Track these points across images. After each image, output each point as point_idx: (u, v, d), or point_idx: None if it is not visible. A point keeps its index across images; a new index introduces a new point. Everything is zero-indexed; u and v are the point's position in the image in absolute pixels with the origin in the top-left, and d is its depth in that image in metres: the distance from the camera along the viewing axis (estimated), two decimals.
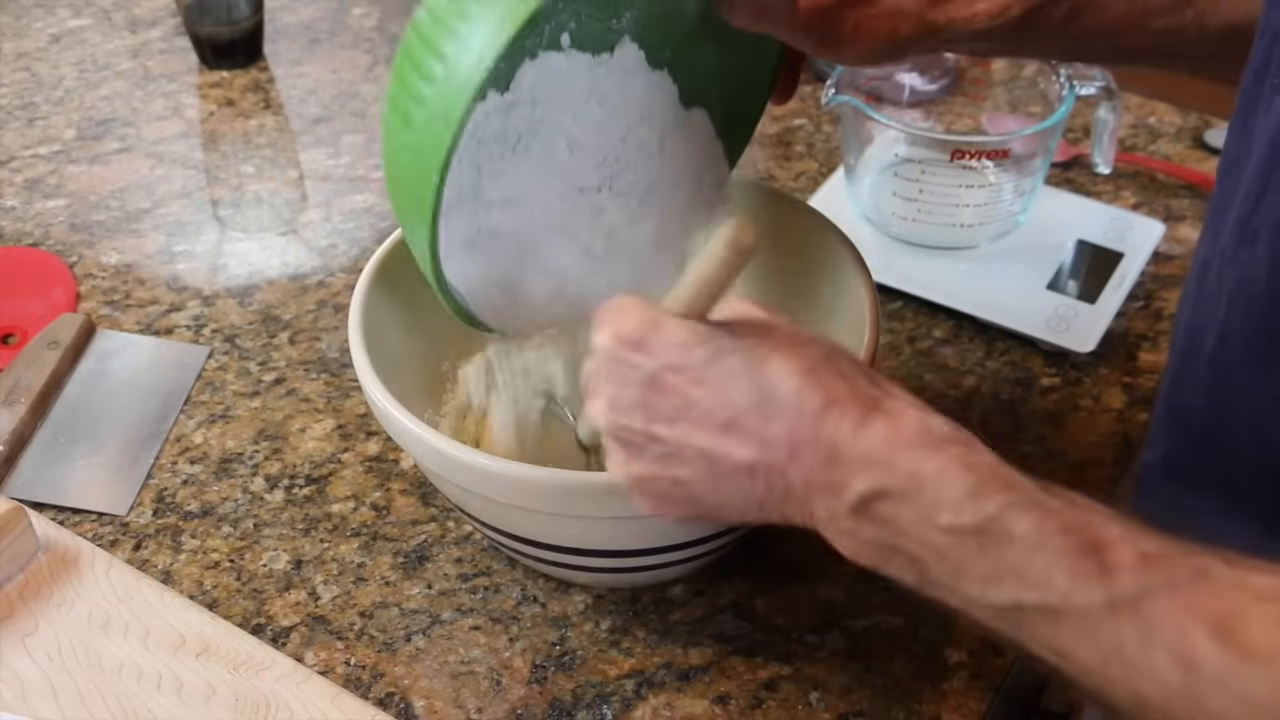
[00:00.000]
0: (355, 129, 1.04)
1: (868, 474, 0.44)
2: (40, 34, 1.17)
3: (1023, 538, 0.42)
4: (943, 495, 0.43)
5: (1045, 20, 0.61)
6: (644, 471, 0.49)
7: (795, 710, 0.62)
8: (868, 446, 0.44)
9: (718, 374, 0.46)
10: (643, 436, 0.48)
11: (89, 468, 0.75)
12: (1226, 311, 0.52)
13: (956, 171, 0.83)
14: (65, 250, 0.91)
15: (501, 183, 0.62)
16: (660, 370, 0.47)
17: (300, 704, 0.60)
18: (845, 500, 0.45)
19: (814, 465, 0.45)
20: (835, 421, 0.45)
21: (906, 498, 0.44)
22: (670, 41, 0.64)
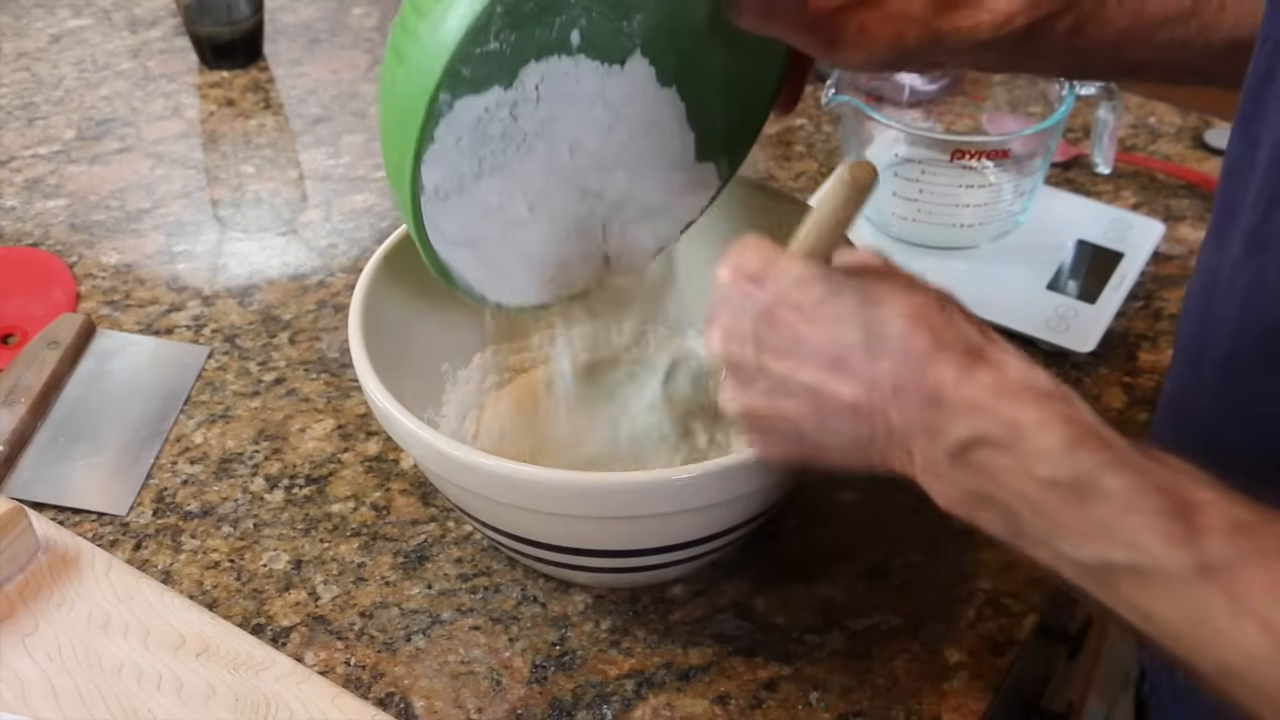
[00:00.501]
0: (355, 129, 1.04)
1: (968, 420, 0.44)
2: (40, 34, 1.17)
3: (1116, 495, 0.42)
4: (1041, 446, 0.43)
5: (1049, 33, 0.61)
6: (753, 403, 0.50)
7: (795, 710, 0.62)
8: (971, 393, 0.45)
9: (829, 312, 0.47)
10: (754, 367, 0.49)
11: (89, 468, 0.75)
12: (1238, 318, 0.52)
13: (956, 171, 0.83)
14: (65, 250, 0.91)
15: (502, 177, 0.62)
16: (774, 304, 0.48)
17: (300, 704, 0.60)
18: (944, 445, 0.45)
19: (916, 408, 0.45)
20: (941, 366, 0.45)
21: (1005, 446, 0.44)
22: (678, 48, 0.64)
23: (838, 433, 0.48)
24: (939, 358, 0.45)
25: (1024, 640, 0.65)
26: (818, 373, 0.47)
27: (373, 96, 1.08)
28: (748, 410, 0.50)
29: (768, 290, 0.49)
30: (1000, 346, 0.46)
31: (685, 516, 0.59)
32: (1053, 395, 0.44)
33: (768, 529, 0.67)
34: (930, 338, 0.46)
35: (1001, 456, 0.44)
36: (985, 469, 0.44)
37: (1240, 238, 0.51)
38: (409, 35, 0.53)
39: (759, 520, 0.63)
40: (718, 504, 0.58)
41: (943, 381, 0.45)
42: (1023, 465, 0.43)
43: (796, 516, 0.71)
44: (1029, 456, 0.43)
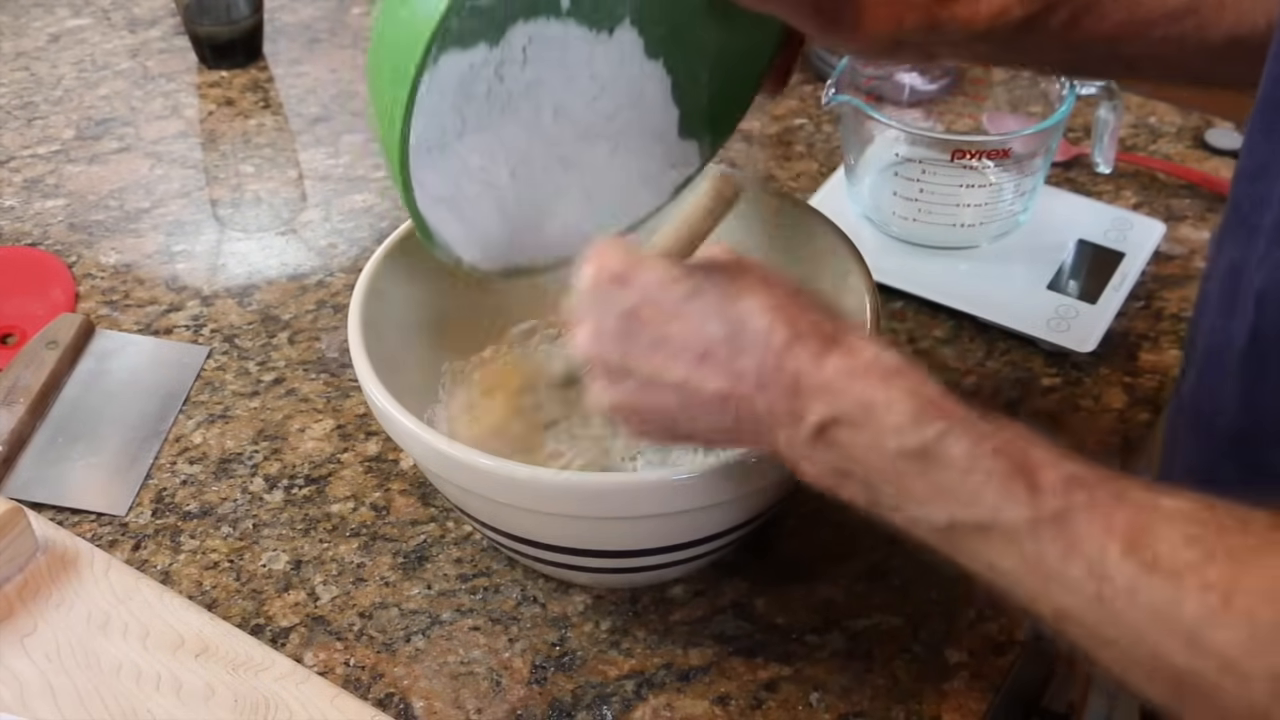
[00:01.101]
0: (355, 129, 1.04)
1: (824, 402, 0.47)
2: (39, 33, 1.17)
3: (959, 459, 0.45)
4: (889, 421, 0.46)
5: (1045, 25, 0.61)
6: (623, 399, 0.52)
7: (795, 711, 0.62)
8: (825, 377, 0.47)
9: (693, 310, 0.50)
10: (621, 366, 0.51)
11: (88, 468, 0.74)
12: (1256, 314, 0.52)
13: (957, 171, 0.83)
14: (64, 250, 0.91)
15: (484, 137, 0.62)
16: (639, 304, 0.50)
17: (299, 704, 0.60)
18: (805, 428, 0.48)
19: (778, 395, 0.48)
20: (798, 354, 0.48)
21: (858, 424, 0.47)
22: (669, 18, 0.64)
23: (706, 422, 0.51)
24: (796, 346, 0.48)
25: (1024, 640, 0.65)
26: (685, 368, 0.50)
27: None
28: (617, 405, 0.52)
29: (632, 290, 0.50)
30: (852, 332, 0.49)
31: (685, 516, 0.58)
32: (900, 373, 0.47)
33: (768, 529, 0.67)
34: (788, 329, 0.48)
35: (856, 433, 0.47)
36: (843, 446, 0.47)
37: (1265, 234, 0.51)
38: None
39: (759, 520, 0.63)
40: (718, 504, 0.58)
41: (800, 369, 0.48)
42: (875, 440, 0.46)
43: (796, 516, 0.71)
44: (879, 431, 0.46)
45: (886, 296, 0.85)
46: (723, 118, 0.69)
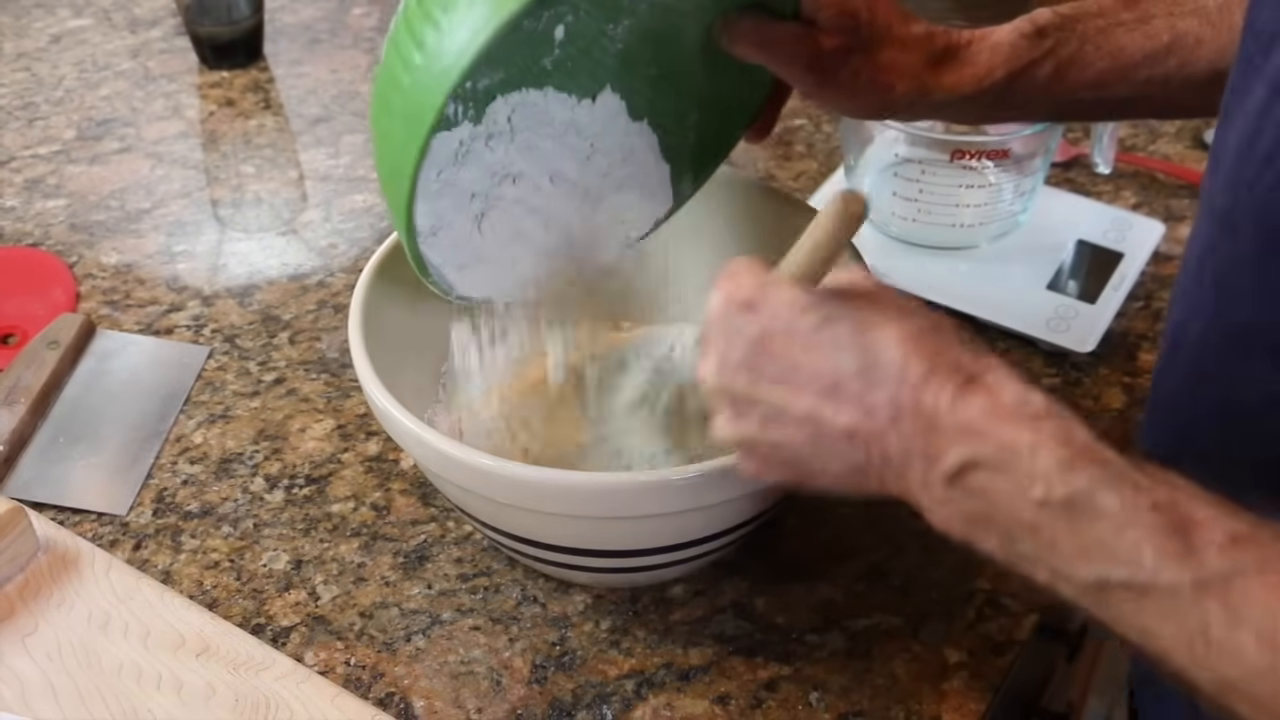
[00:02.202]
0: (355, 129, 1.04)
1: (964, 444, 0.44)
2: (40, 34, 1.17)
3: (1112, 513, 0.42)
4: (1035, 468, 0.43)
5: (1030, 81, 0.62)
6: (748, 432, 0.50)
7: (795, 710, 0.62)
8: (966, 417, 0.45)
9: (824, 339, 0.47)
10: (749, 396, 0.49)
11: (89, 468, 0.75)
12: (1214, 304, 0.52)
13: (956, 171, 0.83)
14: (65, 250, 0.91)
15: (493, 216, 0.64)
16: (768, 333, 0.48)
17: (300, 704, 0.60)
18: (941, 470, 0.45)
19: (913, 433, 0.46)
20: (936, 391, 0.45)
21: (1000, 469, 0.44)
22: (659, 58, 0.64)
23: (834, 458, 0.48)
24: (933, 382, 0.45)
25: (1024, 640, 0.65)
26: (814, 400, 0.47)
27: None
28: (743, 438, 0.50)
29: (761, 317, 0.48)
30: (994, 369, 0.46)
31: (685, 516, 0.59)
32: (1047, 416, 0.44)
33: (768, 529, 0.67)
34: (924, 363, 0.46)
35: (997, 479, 0.44)
36: (981, 492, 0.45)
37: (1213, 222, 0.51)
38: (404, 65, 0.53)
39: (759, 520, 0.63)
40: (718, 504, 0.58)
41: (938, 407, 0.45)
42: (1018, 487, 0.44)
43: (796, 516, 0.71)
44: (1024, 478, 0.43)
45: None
46: (706, 158, 0.70)
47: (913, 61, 0.61)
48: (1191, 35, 0.62)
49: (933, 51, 0.62)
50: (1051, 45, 0.62)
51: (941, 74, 0.62)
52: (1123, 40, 0.62)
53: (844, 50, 0.60)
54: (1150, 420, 0.62)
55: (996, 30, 0.63)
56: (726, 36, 0.60)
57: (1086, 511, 0.42)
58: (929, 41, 0.62)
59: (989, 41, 0.62)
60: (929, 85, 0.62)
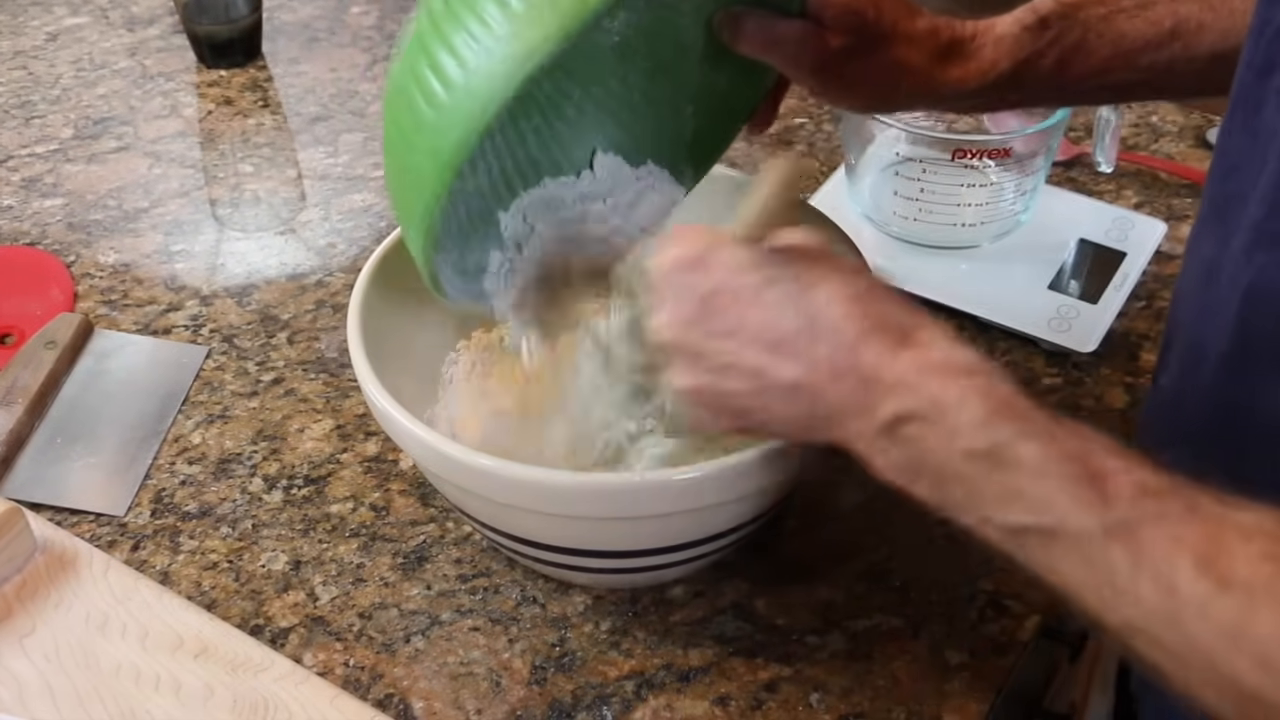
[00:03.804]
0: (354, 128, 1.04)
1: (896, 397, 0.47)
2: (37, 32, 1.16)
3: (1029, 463, 0.44)
4: (960, 420, 0.46)
5: (1034, 71, 0.63)
6: (699, 382, 0.52)
7: (796, 711, 0.61)
8: (898, 371, 0.47)
9: (769, 297, 0.50)
10: (699, 349, 0.51)
11: (87, 468, 0.74)
12: (1240, 315, 0.52)
13: (958, 170, 0.83)
14: (63, 249, 0.91)
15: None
16: (716, 289, 0.50)
17: (299, 705, 0.60)
18: (875, 421, 0.48)
19: (851, 387, 0.48)
20: (872, 347, 0.48)
21: (929, 421, 0.46)
22: (657, 52, 0.64)
23: (780, 409, 0.51)
24: (871, 339, 0.48)
25: (1026, 641, 0.65)
26: (760, 355, 0.50)
27: (372, 95, 1.08)
28: (693, 389, 0.52)
29: (711, 275, 0.50)
30: (926, 327, 0.49)
31: (685, 516, 0.58)
32: (973, 371, 0.47)
33: (768, 530, 0.67)
34: (863, 321, 0.48)
35: (927, 430, 0.46)
36: (913, 442, 0.47)
37: (1245, 233, 0.51)
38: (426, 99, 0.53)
39: (759, 521, 0.63)
40: (718, 504, 0.58)
41: (874, 362, 0.48)
42: (946, 438, 0.46)
43: (796, 517, 0.71)
44: (950, 430, 0.46)
45: None
46: (705, 150, 0.70)
47: (918, 58, 0.61)
48: (1193, 20, 0.62)
49: (937, 47, 0.62)
50: (1054, 35, 0.62)
51: (947, 69, 0.62)
52: (1125, 27, 0.63)
53: (850, 49, 0.60)
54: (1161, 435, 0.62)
55: (999, 22, 0.63)
56: (730, 33, 0.60)
57: (1006, 461, 0.45)
58: (933, 37, 0.62)
59: (992, 34, 0.62)
60: (934, 80, 0.62)
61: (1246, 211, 0.51)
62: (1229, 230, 0.52)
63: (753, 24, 0.60)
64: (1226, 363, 0.54)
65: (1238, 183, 0.52)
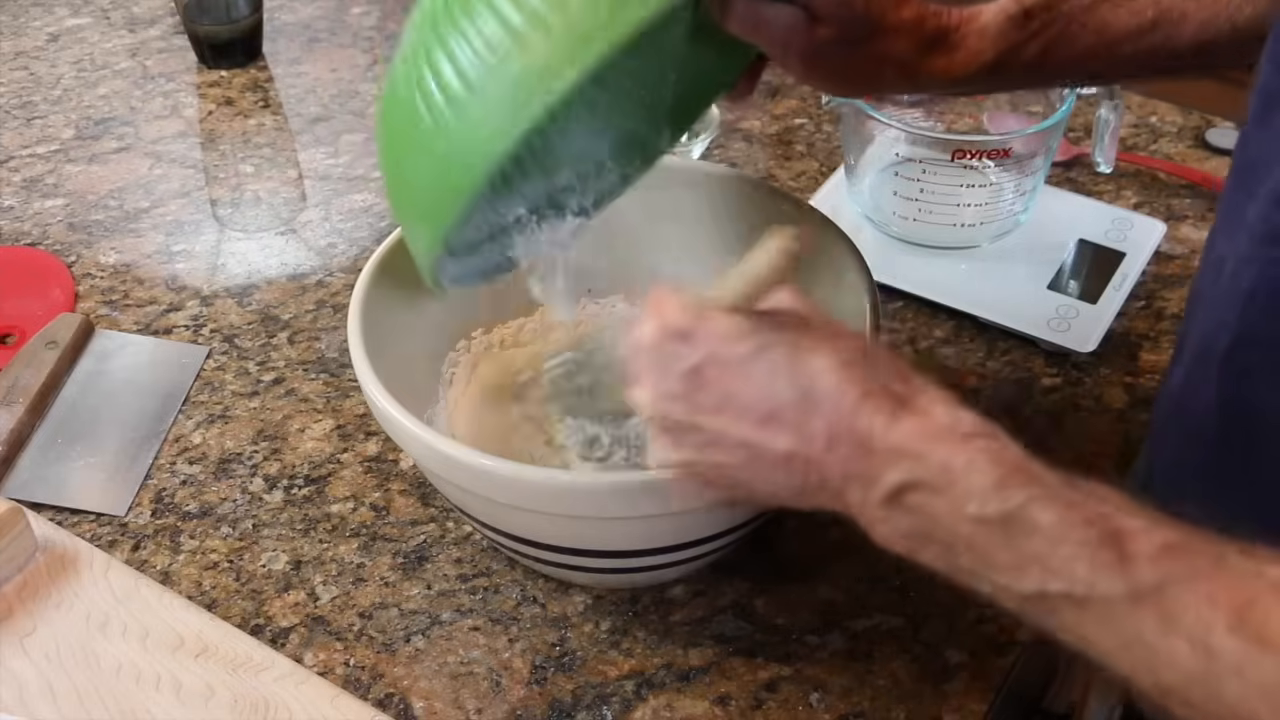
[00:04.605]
0: (355, 128, 1.04)
1: (900, 466, 0.46)
2: (38, 33, 1.16)
3: (1046, 529, 0.43)
4: (970, 486, 0.44)
5: (1016, 61, 0.63)
6: (684, 457, 0.51)
7: (796, 711, 0.61)
8: (900, 439, 0.46)
9: (759, 368, 0.48)
10: (685, 425, 0.50)
11: (87, 468, 0.74)
12: (1244, 311, 0.52)
13: (957, 171, 0.83)
14: (63, 250, 0.91)
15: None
16: (704, 362, 0.49)
17: (299, 705, 0.60)
18: (878, 491, 0.46)
19: (849, 456, 0.47)
20: (870, 415, 0.46)
21: (936, 489, 0.45)
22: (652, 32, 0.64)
23: (773, 481, 0.50)
24: (867, 407, 0.46)
25: (1025, 641, 0.65)
26: (751, 429, 0.48)
27: (372, 95, 1.08)
28: (676, 461, 0.51)
29: (696, 348, 0.49)
30: (925, 392, 0.47)
31: (685, 516, 0.58)
32: (979, 435, 0.46)
33: (768, 529, 0.67)
34: (858, 388, 0.47)
35: (934, 498, 0.45)
36: (919, 510, 0.46)
37: (1253, 229, 0.51)
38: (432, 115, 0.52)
39: (759, 520, 0.63)
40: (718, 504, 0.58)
41: (873, 430, 0.46)
42: (955, 505, 0.45)
43: (796, 517, 0.71)
44: (959, 496, 0.44)
45: (886, 296, 0.85)
46: (682, 114, 0.69)
47: (903, 48, 0.61)
48: (1176, 10, 0.62)
49: (923, 37, 0.62)
50: (1038, 26, 0.62)
51: (931, 59, 0.62)
52: (1108, 17, 0.63)
53: (837, 38, 0.59)
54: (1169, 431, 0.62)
55: (984, 11, 0.63)
56: (720, 11, 0.60)
57: (1021, 527, 0.43)
58: (919, 27, 0.61)
59: (976, 25, 0.62)
60: (918, 70, 0.62)
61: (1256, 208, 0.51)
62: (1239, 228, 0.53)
63: (742, 6, 0.59)
64: (1231, 360, 0.54)
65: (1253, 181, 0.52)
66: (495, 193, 0.60)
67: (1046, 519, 0.43)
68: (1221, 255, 0.54)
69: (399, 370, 0.66)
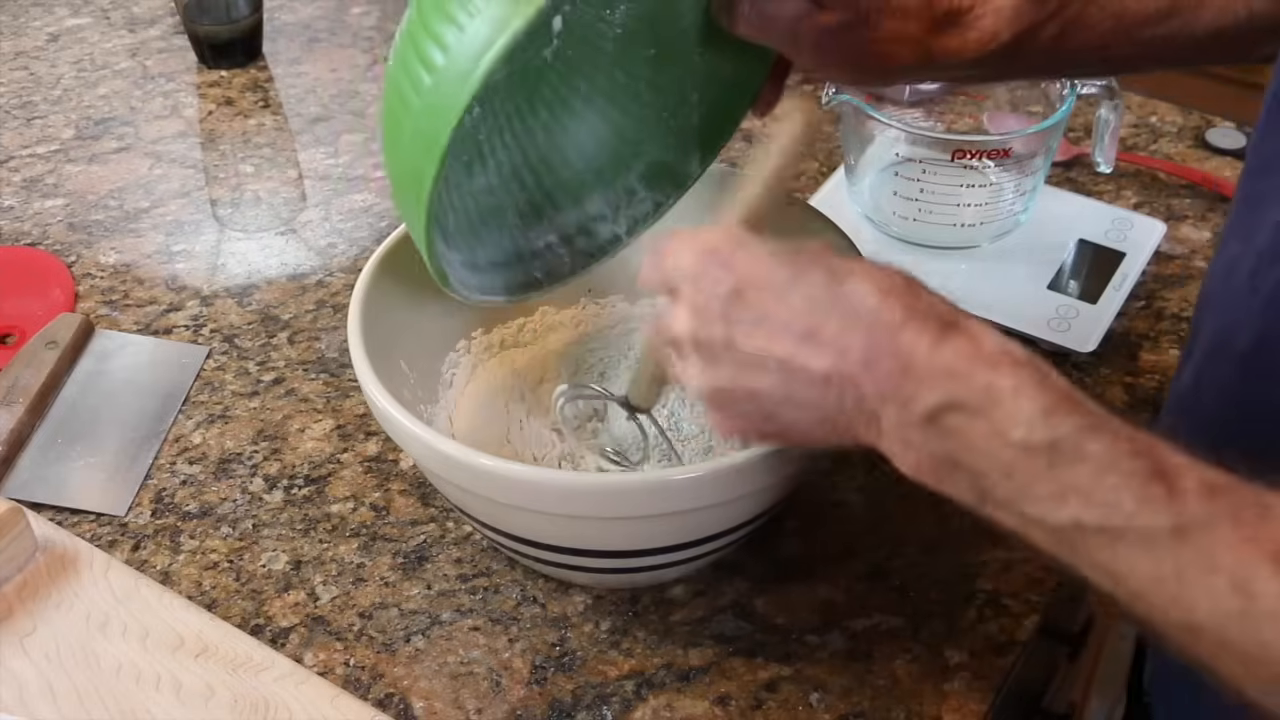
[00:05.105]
0: (354, 128, 1.04)
1: (943, 386, 0.45)
2: (38, 33, 1.16)
3: (1094, 457, 0.43)
4: (1017, 411, 0.44)
5: (1034, 43, 0.62)
6: (720, 381, 0.50)
7: (796, 711, 0.61)
8: (945, 360, 0.45)
9: (799, 290, 0.48)
10: (722, 345, 0.49)
11: (87, 468, 0.74)
12: (1265, 313, 0.52)
13: (957, 171, 0.83)
14: (63, 250, 0.91)
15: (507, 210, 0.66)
16: (743, 284, 0.49)
17: (299, 705, 0.60)
18: (916, 410, 0.45)
19: (888, 375, 0.46)
20: (914, 335, 0.46)
21: (979, 411, 0.44)
22: (658, 35, 0.64)
23: (806, 405, 0.49)
24: (911, 327, 0.46)
25: (1025, 641, 0.65)
26: (789, 346, 0.48)
27: (372, 95, 1.08)
28: (714, 389, 0.50)
29: (735, 270, 0.49)
30: (971, 319, 0.47)
31: (685, 516, 0.58)
32: (1027, 363, 0.45)
33: (768, 529, 0.67)
34: (902, 309, 0.46)
35: (975, 421, 0.44)
36: (956, 434, 0.45)
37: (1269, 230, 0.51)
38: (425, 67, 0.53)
39: (759, 520, 0.63)
40: (718, 504, 0.58)
41: (916, 349, 0.46)
42: (997, 429, 0.44)
43: (796, 516, 0.71)
44: (1004, 420, 0.44)
45: None
46: (712, 136, 0.70)
47: (915, 30, 0.60)
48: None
49: (934, 18, 0.61)
50: (1055, 8, 0.62)
51: (944, 39, 0.61)
52: (1126, 2, 0.62)
53: (845, 24, 0.59)
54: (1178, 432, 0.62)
55: None
56: (726, 17, 0.60)
57: (1069, 455, 0.43)
58: (930, 7, 0.61)
59: (992, 4, 0.62)
60: (932, 51, 0.61)
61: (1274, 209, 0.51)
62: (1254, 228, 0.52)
63: (746, 7, 0.59)
64: (1248, 360, 0.54)
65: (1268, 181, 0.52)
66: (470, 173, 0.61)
67: (1095, 448, 0.43)
68: (1236, 254, 0.54)
69: (399, 370, 0.67)
